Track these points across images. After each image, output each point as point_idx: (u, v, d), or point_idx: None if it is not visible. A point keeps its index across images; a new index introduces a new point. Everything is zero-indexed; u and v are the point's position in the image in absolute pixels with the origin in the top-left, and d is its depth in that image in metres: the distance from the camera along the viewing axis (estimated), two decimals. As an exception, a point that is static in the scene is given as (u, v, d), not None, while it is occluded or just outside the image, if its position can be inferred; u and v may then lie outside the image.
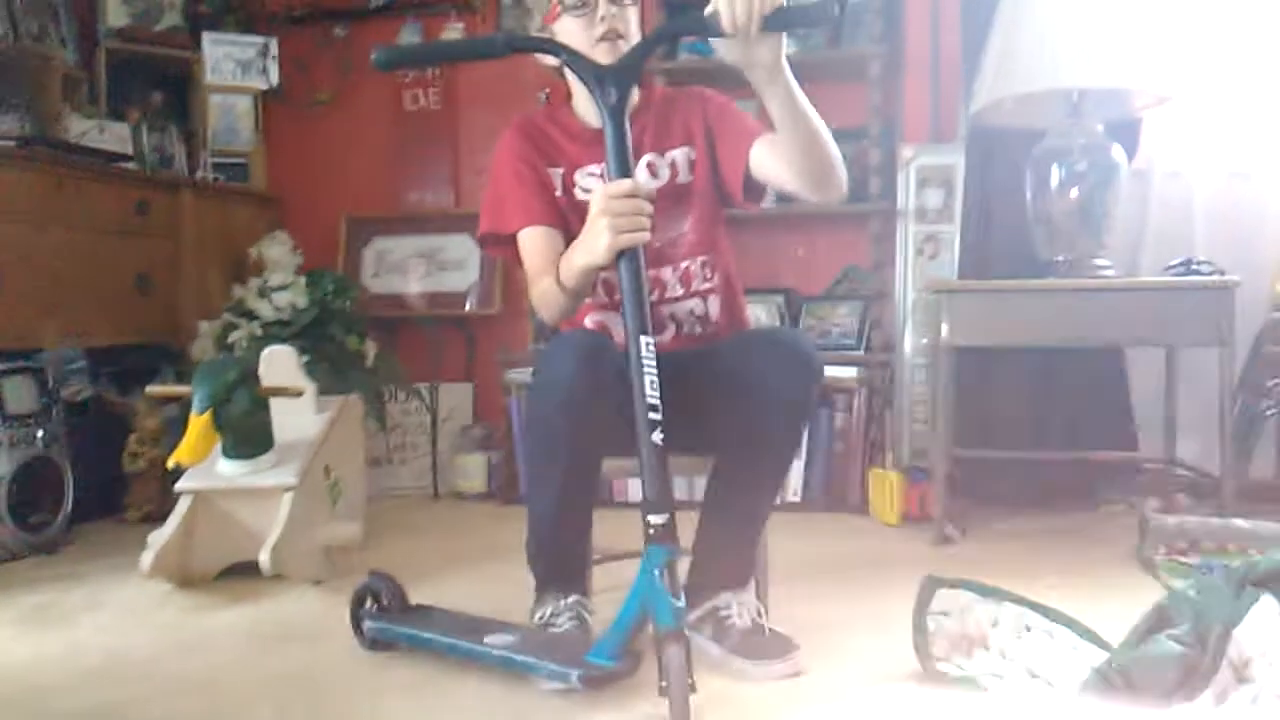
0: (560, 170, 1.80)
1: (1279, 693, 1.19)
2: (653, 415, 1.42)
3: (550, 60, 1.71)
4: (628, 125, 1.50)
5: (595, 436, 1.62)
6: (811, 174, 1.62)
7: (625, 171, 1.49)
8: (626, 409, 1.45)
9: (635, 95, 1.83)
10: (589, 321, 1.83)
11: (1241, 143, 3.08)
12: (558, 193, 1.79)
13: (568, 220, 1.76)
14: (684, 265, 1.81)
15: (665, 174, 1.81)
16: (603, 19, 1.68)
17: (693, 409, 1.70)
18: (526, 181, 1.77)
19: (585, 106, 1.81)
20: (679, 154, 1.82)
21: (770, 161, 1.70)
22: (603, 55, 1.65)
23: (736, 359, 1.70)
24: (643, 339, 1.44)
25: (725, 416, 1.69)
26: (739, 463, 1.72)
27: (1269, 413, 2.81)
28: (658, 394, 1.43)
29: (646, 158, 1.80)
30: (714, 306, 1.84)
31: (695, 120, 1.82)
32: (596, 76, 1.50)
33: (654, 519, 1.42)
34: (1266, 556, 1.31)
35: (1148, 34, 2.55)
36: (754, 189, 1.78)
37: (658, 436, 1.42)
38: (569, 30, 1.70)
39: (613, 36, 1.67)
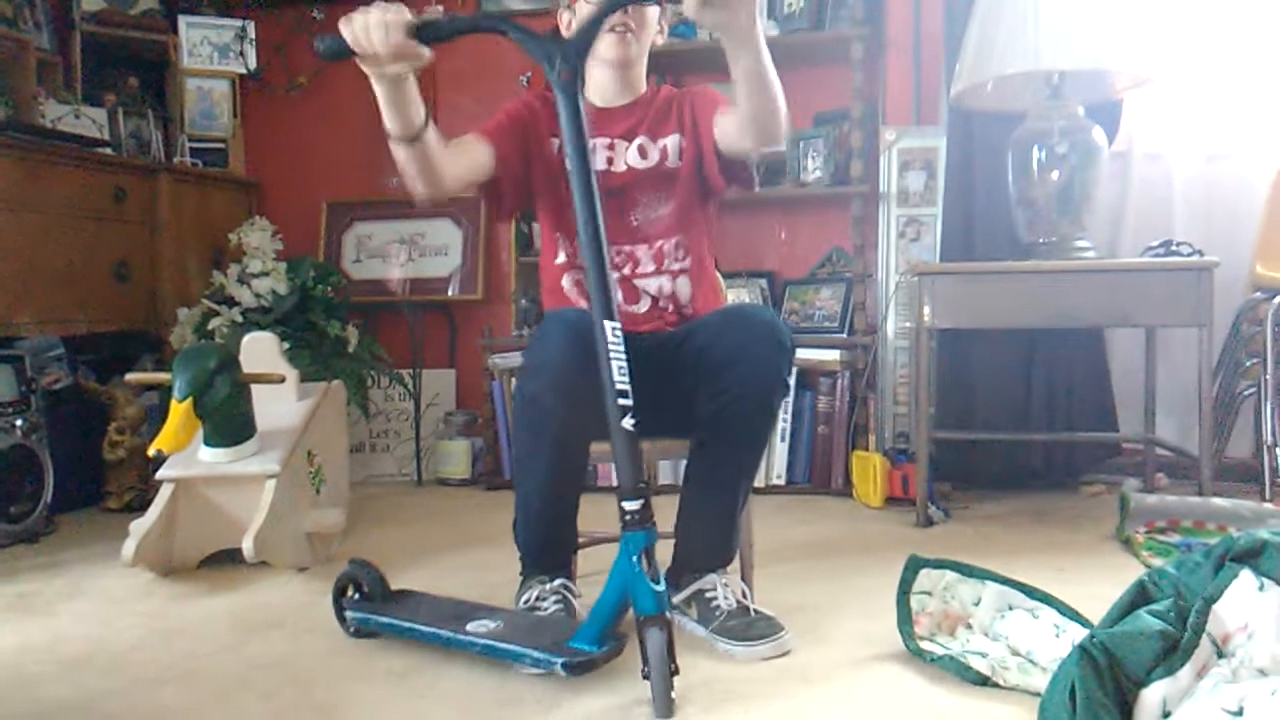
0: (558, 140, 1.83)
1: (1258, 666, 1.21)
2: (622, 401, 1.42)
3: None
4: (581, 100, 1.49)
5: (584, 417, 1.61)
6: (758, 127, 1.64)
7: (580, 144, 1.48)
8: None
9: (644, 87, 1.90)
10: (566, 280, 1.88)
11: (1221, 124, 3.10)
12: (555, 153, 1.85)
13: (558, 185, 1.80)
14: (658, 244, 1.86)
15: (655, 156, 1.86)
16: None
17: (670, 391, 1.71)
18: (512, 118, 1.85)
19: (593, 89, 1.87)
20: (670, 140, 1.87)
21: (724, 121, 1.75)
22: (609, 45, 1.74)
23: (707, 338, 1.71)
24: (608, 324, 1.43)
25: (700, 395, 1.70)
26: (715, 441, 1.73)
27: (1247, 392, 2.84)
28: (627, 379, 1.43)
29: (639, 140, 1.86)
30: (683, 287, 1.87)
31: (686, 111, 1.88)
32: (546, 53, 1.49)
33: (628, 505, 1.42)
34: (1245, 533, 1.32)
35: (1128, 16, 2.55)
36: (729, 167, 1.82)
37: (628, 422, 1.42)
38: (585, 13, 1.75)
39: (621, 30, 1.75)
